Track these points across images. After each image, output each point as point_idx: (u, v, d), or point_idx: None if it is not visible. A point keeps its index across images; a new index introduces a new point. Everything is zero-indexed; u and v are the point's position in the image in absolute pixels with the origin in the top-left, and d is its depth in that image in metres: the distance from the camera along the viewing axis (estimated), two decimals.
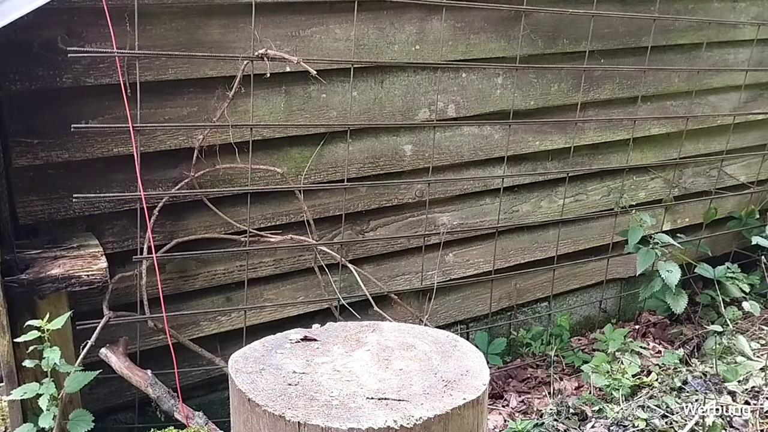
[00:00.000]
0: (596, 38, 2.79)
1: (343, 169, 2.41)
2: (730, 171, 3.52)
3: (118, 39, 1.87)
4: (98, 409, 1.99)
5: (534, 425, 2.48)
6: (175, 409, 1.99)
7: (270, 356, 1.12)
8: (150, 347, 2.23)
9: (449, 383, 1.04)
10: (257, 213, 2.32)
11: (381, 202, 2.55)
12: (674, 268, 2.94)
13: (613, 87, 2.96)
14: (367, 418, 0.94)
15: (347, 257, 2.49)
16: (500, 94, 2.67)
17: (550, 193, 2.98)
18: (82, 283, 1.81)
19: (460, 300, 2.90)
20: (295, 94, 2.26)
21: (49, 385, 1.78)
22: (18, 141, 1.89)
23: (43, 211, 1.99)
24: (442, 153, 2.61)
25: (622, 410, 2.51)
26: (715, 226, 3.50)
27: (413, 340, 1.18)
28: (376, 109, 2.43)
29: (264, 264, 2.39)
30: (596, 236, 3.18)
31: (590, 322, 3.34)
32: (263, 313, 2.43)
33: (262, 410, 0.97)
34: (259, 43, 2.10)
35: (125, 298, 2.15)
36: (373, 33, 2.34)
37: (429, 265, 2.72)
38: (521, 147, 2.80)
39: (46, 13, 1.80)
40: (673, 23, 3.01)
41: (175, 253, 2.17)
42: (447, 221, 2.74)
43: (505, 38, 2.60)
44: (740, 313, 3.24)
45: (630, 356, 2.87)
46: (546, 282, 3.08)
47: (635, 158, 3.14)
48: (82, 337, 1.94)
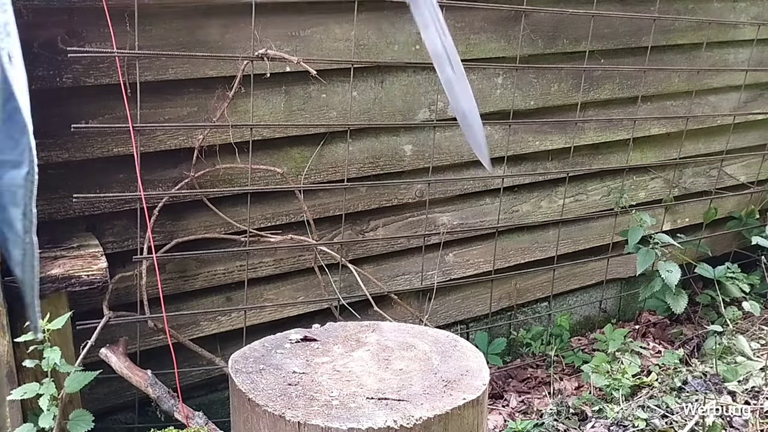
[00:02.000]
0: (596, 38, 2.79)
1: (343, 169, 2.41)
2: (730, 171, 3.52)
3: (118, 39, 1.87)
4: (98, 409, 1.99)
5: (534, 425, 2.48)
6: (175, 409, 1.99)
7: (270, 356, 1.12)
8: (150, 347, 2.23)
9: (449, 383, 1.04)
10: (257, 213, 2.32)
11: (381, 202, 2.55)
12: (674, 268, 2.94)
13: (613, 87, 2.96)
14: (367, 418, 0.94)
15: (347, 257, 2.49)
16: (500, 94, 2.67)
17: (550, 193, 2.98)
18: (82, 283, 1.81)
19: (460, 300, 2.90)
20: (295, 94, 2.27)
21: (49, 385, 1.78)
22: None
23: (43, 211, 1.98)
24: (442, 153, 2.61)
25: (622, 410, 2.51)
26: (715, 226, 3.50)
27: (413, 340, 1.18)
28: (376, 109, 2.43)
29: (264, 264, 2.39)
30: (596, 236, 3.18)
31: (590, 322, 3.34)
32: (263, 313, 2.43)
33: (262, 410, 0.97)
34: (259, 43, 2.10)
35: (125, 298, 2.15)
36: (373, 33, 2.34)
37: (429, 265, 2.72)
38: (521, 147, 2.80)
39: (46, 13, 1.81)
40: (673, 23, 3.01)
41: (175, 253, 2.17)
42: (447, 221, 2.74)
43: (505, 38, 2.60)
44: (740, 313, 3.24)
45: (630, 356, 2.87)
46: (546, 282, 3.08)
47: (635, 158, 3.14)
48: (82, 337, 1.95)
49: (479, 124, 0.95)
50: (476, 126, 0.94)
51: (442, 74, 0.93)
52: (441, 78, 0.93)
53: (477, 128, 0.94)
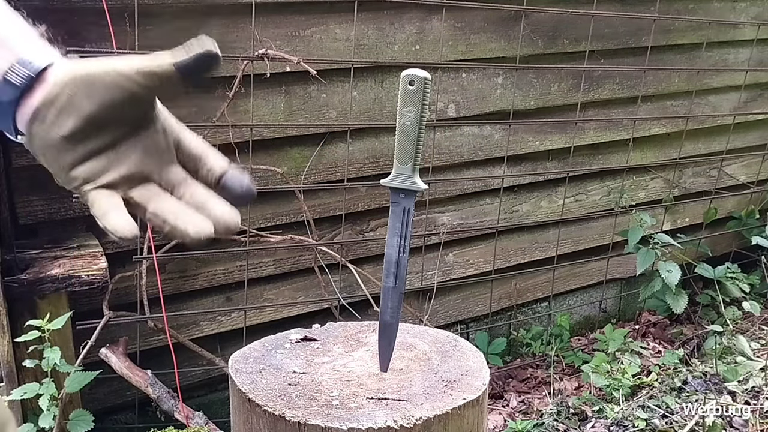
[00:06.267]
0: (596, 38, 2.79)
1: (343, 169, 2.41)
2: (730, 171, 3.52)
3: (118, 39, 1.87)
4: (98, 409, 1.99)
5: (534, 425, 2.48)
6: (175, 409, 1.99)
7: (270, 356, 1.12)
8: (150, 347, 2.22)
9: (449, 383, 1.04)
10: (257, 213, 2.32)
11: (381, 202, 2.54)
12: (674, 268, 2.94)
13: (613, 87, 2.96)
14: (368, 418, 0.94)
15: (347, 257, 2.49)
16: (500, 94, 2.67)
17: (550, 193, 2.98)
18: (82, 283, 1.81)
19: (460, 300, 2.90)
20: (295, 94, 2.26)
21: (49, 385, 1.78)
22: (18, 141, 1.89)
23: (43, 211, 1.98)
24: (442, 153, 2.61)
25: (622, 410, 2.51)
26: (715, 226, 3.50)
27: (413, 340, 1.18)
28: (376, 109, 2.43)
29: (264, 264, 2.39)
30: (596, 236, 3.18)
31: (590, 322, 3.34)
32: (263, 313, 2.43)
33: (262, 410, 0.97)
34: (259, 43, 2.10)
35: (125, 298, 2.15)
36: (373, 33, 2.34)
37: (429, 265, 2.72)
38: (521, 147, 2.80)
39: (46, 13, 1.81)
40: (673, 23, 3.01)
41: (175, 253, 2.17)
42: (447, 221, 2.74)
43: (505, 38, 2.60)
44: (740, 313, 3.24)
45: (630, 356, 2.86)
46: (546, 282, 3.08)
47: (635, 158, 3.14)
48: (82, 337, 1.95)
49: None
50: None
51: (385, 282, 1.05)
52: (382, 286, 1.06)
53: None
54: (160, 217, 0.70)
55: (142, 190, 0.71)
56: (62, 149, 0.68)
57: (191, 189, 0.73)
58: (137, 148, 0.71)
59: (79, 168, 0.69)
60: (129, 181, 0.71)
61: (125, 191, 0.71)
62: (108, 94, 0.67)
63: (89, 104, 0.67)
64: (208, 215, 0.71)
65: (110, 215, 0.68)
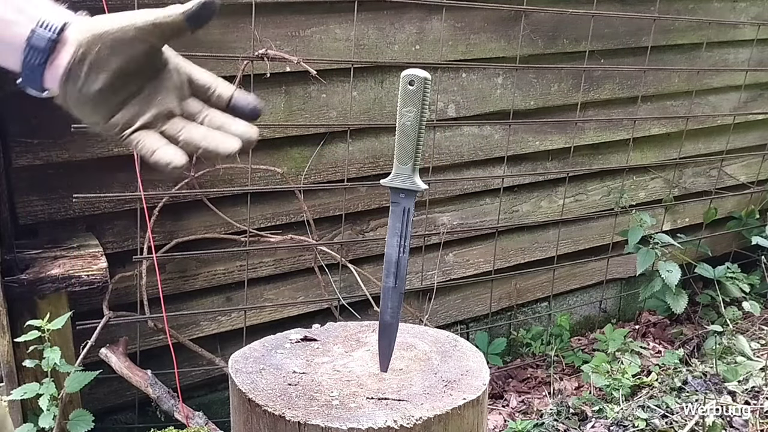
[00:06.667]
0: (596, 38, 2.79)
1: (343, 169, 2.41)
2: (730, 171, 3.52)
3: None
4: (98, 409, 1.99)
5: (534, 425, 2.48)
6: (175, 409, 1.99)
7: (270, 356, 1.12)
8: (150, 347, 2.22)
9: (449, 383, 1.04)
10: (257, 213, 2.32)
11: (381, 202, 2.54)
12: (674, 268, 2.94)
13: (613, 87, 2.96)
14: (368, 418, 0.94)
15: (347, 257, 2.49)
16: (500, 94, 2.67)
17: (550, 193, 2.98)
18: (82, 283, 1.81)
19: (460, 300, 2.90)
20: (295, 94, 2.26)
21: (49, 385, 1.78)
22: (18, 141, 1.89)
23: (43, 211, 1.98)
24: (442, 153, 2.61)
25: (622, 410, 2.51)
26: (715, 226, 3.50)
27: (413, 340, 1.18)
28: (376, 109, 2.43)
29: (264, 264, 2.39)
30: (596, 236, 3.18)
31: (590, 322, 3.34)
32: (263, 313, 2.43)
33: (262, 410, 0.97)
34: (259, 43, 2.10)
35: (125, 298, 2.15)
36: (373, 33, 2.34)
37: (429, 265, 2.72)
38: (521, 147, 2.80)
39: None
40: (673, 23, 3.01)
41: (175, 253, 2.17)
42: (447, 221, 2.74)
43: (505, 38, 2.60)
44: (740, 313, 3.24)
45: (630, 356, 2.86)
46: (546, 282, 3.08)
47: (635, 158, 3.14)
48: (82, 337, 1.94)
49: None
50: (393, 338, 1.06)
51: (385, 282, 1.07)
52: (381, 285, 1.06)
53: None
54: (192, 143, 0.79)
55: (170, 125, 0.80)
56: (98, 103, 0.76)
57: (210, 115, 0.83)
58: (159, 88, 0.79)
59: (116, 116, 0.77)
60: (159, 118, 0.79)
61: (159, 128, 0.79)
62: (131, 48, 0.75)
63: (116, 60, 0.75)
64: (230, 133, 0.81)
65: (160, 151, 0.77)
